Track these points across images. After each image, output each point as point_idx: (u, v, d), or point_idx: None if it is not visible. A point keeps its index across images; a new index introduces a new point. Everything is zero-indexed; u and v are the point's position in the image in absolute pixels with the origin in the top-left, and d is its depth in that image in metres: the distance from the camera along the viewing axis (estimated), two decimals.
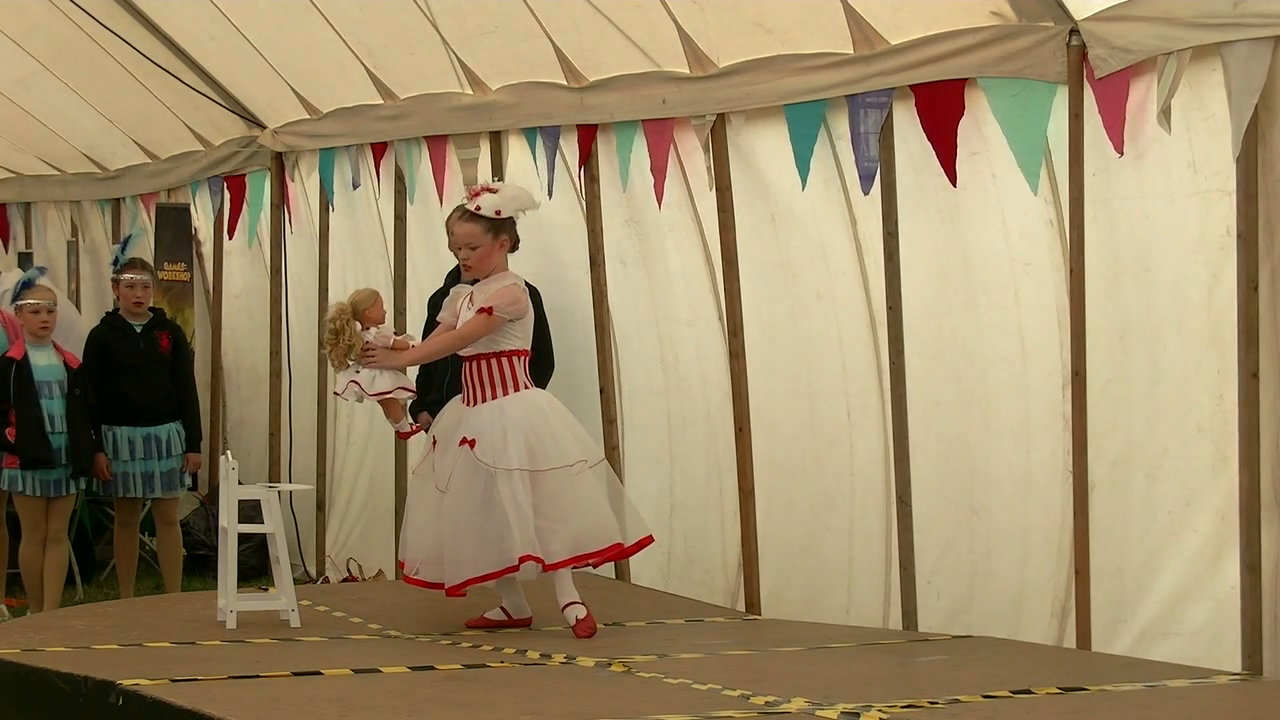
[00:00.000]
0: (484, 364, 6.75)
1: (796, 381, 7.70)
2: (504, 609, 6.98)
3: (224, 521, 6.98)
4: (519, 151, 8.72)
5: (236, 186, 11.03)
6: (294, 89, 9.87)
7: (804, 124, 7.24)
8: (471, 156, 8.97)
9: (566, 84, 8.24)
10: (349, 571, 9.99)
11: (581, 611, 6.73)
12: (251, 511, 7.27)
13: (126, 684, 5.48)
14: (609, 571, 7.95)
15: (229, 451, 7.16)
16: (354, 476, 10.32)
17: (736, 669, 6.02)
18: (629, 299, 8.46)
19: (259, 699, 5.47)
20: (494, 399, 6.74)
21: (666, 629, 7.05)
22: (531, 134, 8.56)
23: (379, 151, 9.66)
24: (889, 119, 6.96)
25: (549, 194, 8.43)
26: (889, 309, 7.08)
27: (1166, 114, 6.00)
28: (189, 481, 9.75)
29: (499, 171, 8.67)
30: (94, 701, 5.57)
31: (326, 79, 9.58)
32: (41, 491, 8.82)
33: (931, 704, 5.30)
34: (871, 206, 7.13)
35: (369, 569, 9.90)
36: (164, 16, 9.89)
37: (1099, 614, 6.41)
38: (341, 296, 7.13)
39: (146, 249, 11.10)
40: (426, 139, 9.24)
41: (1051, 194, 6.58)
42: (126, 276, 9.22)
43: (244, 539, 7.26)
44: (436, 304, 7.68)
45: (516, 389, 6.75)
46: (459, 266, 6.98)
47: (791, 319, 7.69)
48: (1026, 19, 6.37)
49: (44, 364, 8.86)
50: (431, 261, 9.33)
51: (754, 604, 7.73)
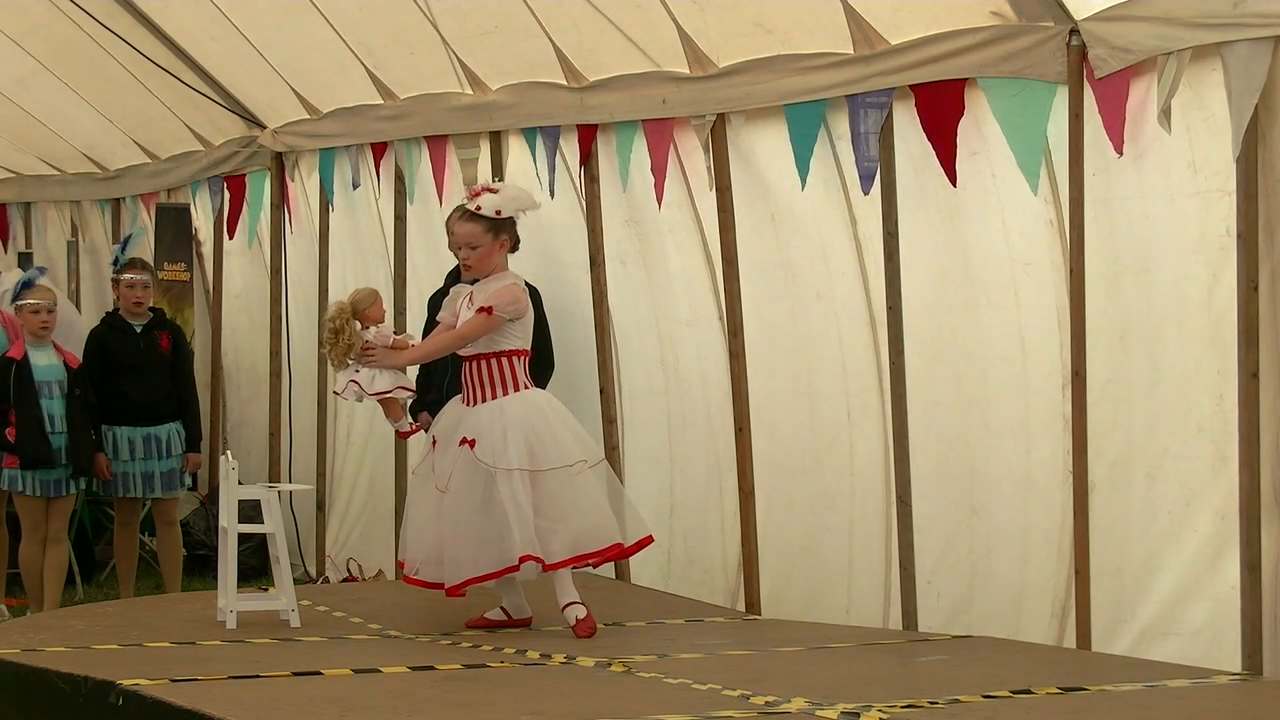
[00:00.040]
0: (484, 364, 6.75)
1: (796, 381, 7.70)
2: (504, 609, 6.98)
3: (224, 521, 6.98)
4: (519, 151, 8.72)
5: (236, 186, 11.03)
6: (294, 89, 9.87)
7: (804, 124, 7.23)
8: (471, 156, 8.97)
9: (566, 84, 8.24)
10: (349, 571, 9.99)
11: (581, 611, 6.73)
12: (251, 511, 7.27)
13: (126, 684, 5.47)
14: (609, 571, 7.95)
15: (229, 451, 7.16)
16: (354, 476, 10.32)
17: (736, 669, 6.02)
18: (629, 299, 8.46)
19: (259, 699, 5.46)
20: (494, 399, 6.73)
21: (666, 629, 7.04)
22: (531, 134, 8.56)
23: (379, 151, 9.66)
24: (889, 119, 6.96)
25: (551, 194, 8.43)
26: (889, 309, 7.08)
27: (1166, 114, 6.00)
28: (189, 481, 9.75)
29: (499, 171, 8.67)
30: (94, 701, 5.56)
31: (326, 79, 9.58)
32: (41, 491, 8.82)
33: (931, 704, 5.30)
34: (871, 206, 7.13)
35: (369, 569, 9.89)
36: (164, 16, 9.89)
37: (1099, 614, 6.40)
38: (341, 296, 7.12)
39: (146, 249, 11.09)
40: (426, 139, 9.23)
41: (1051, 194, 6.58)
42: (126, 276, 9.22)
43: (244, 539, 7.26)
44: (436, 304, 7.68)
45: (516, 389, 6.75)
46: (459, 266, 6.98)
47: (791, 319, 7.69)
48: (1026, 19, 6.37)
49: (44, 364, 8.86)
50: (431, 261, 9.32)
51: (754, 604, 7.73)
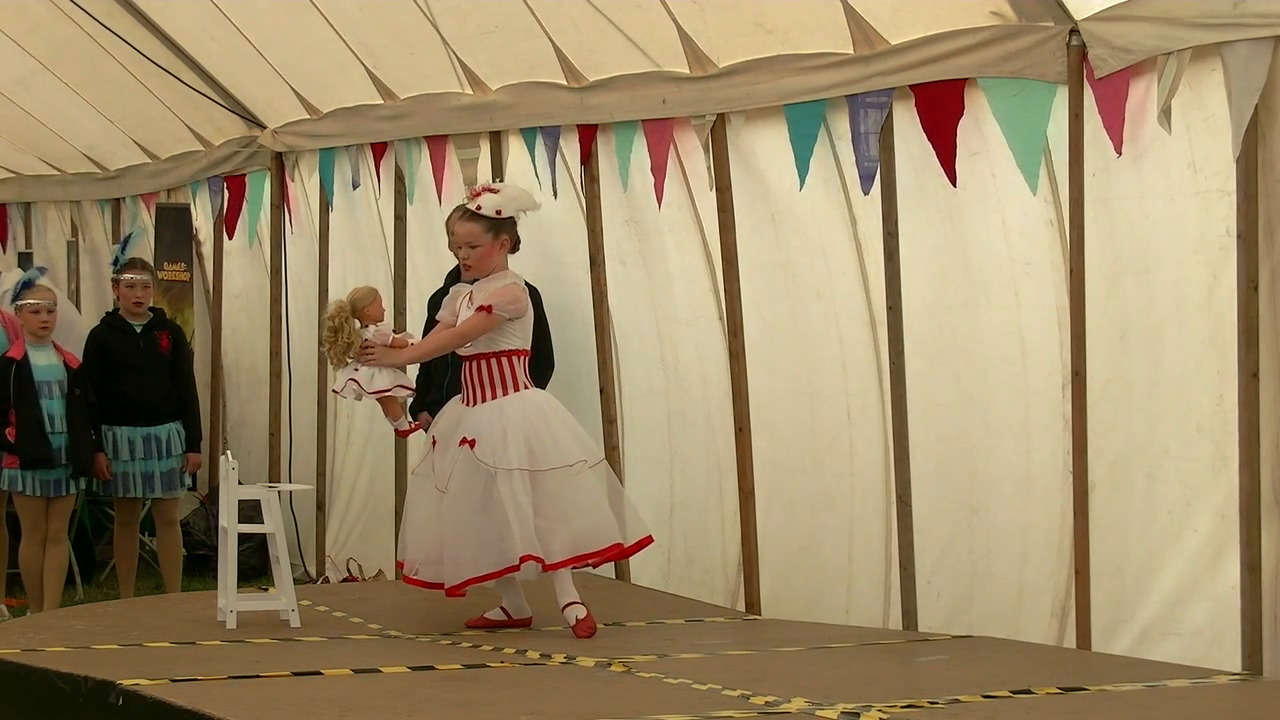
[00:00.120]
0: (484, 364, 6.75)
1: (796, 381, 7.70)
2: (504, 609, 6.98)
3: (224, 521, 6.98)
4: (519, 151, 8.72)
5: (236, 186, 11.03)
6: (294, 89, 9.87)
7: (804, 124, 7.23)
8: (471, 156, 8.97)
9: (566, 84, 8.24)
10: (349, 571, 9.99)
11: (581, 611, 6.73)
12: (251, 511, 7.27)
13: (126, 684, 5.47)
14: (609, 571, 7.94)
15: (229, 451, 7.16)
16: (354, 476, 10.32)
17: (736, 669, 6.02)
18: (629, 299, 8.46)
19: (259, 699, 5.46)
20: (493, 399, 6.73)
21: (666, 629, 7.04)
22: (531, 134, 8.56)
23: (379, 151, 9.66)
24: (889, 119, 6.96)
25: (554, 194, 8.43)
26: (889, 309, 7.08)
27: (1166, 114, 6.00)
28: (189, 481, 9.75)
29: (499, 171, 8.67)
30: (94, 701, 5.56)
31: (326, 79, 9.58)
32: (41, 491, 8.82)
33: (931, 704, 5.30)
34: (871, 206, 7.13)
35: (369, 569, 9.89)
36: (164, 16, 9.89)
37: (1099, 614, 6.40)
38: (341, 296, 7.12)
39: (146, 249, 11.09)
40: (426, 139, 9.23)
41: (1051, 194, 6.57)
42: (126, 276, 9.22)
43: (244, 539, 7.25)
44: (436, 304, 7.68)
45: (516, 389, 6.75)
46: (459, 266, 6.98)
47: (791, 319, 7.69)
48: (1026, 19, 6.37)
49: (44, 364, 8.86)
50: (431, 261, 9.32)
51: (754, 604, 7.73)
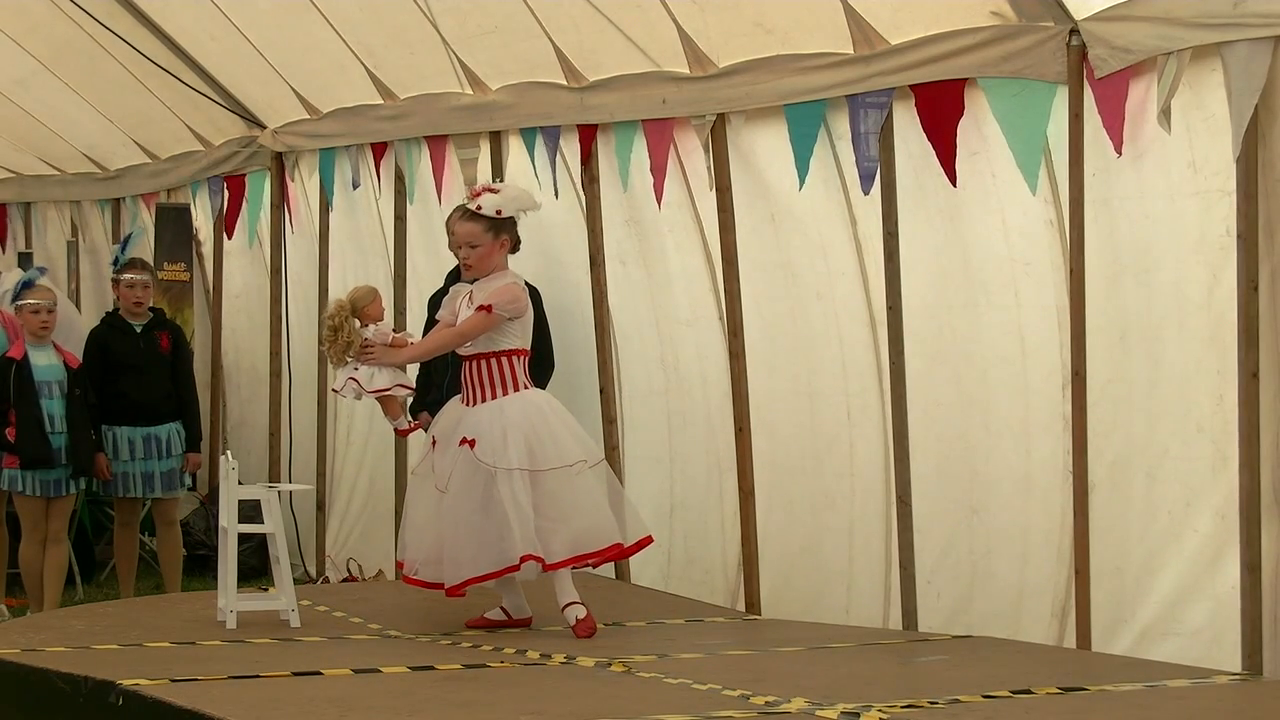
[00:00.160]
0: (483, 364, 6.75)
1: (796, 381, 7.70)
2: (504, 609, 6.98)
3: (224, 521, 6.98)
4: (519, 151, 8.72)
5: (236, 186, 11.03)
6: (294, 89, 9.87)
7: (804, 124, 7.23)
8: (471, 156, 8.97)
9: (566, 84, 8.24)
10: (349, 571, 9.99)
11: (581, 611, 6.72)
12: (251, 511, 7.27)
13: (126, 684, 5.47)
14: (609, 571, 7.94)
15: (229, 451, 7.15)
16: (354, 476, 10.32)
17: (736, 669, 6.02)
18: (629, 299, 8.46)
19: (259, 699, 5.46)
20: (493, 399, 6.73)
21: (666, 629, 7.04)
22: (531, 134, 8.56)
23: (379, 151, 9.66)
24: (889, 119, 6.96)
25: (555, 194, 8.43)
26: (889, 309, 7.08)
27: (1166, 114, 6.00)
28: (189, 481, 9.75)
29: (499, 171, 8.67)
30: (94, 701, 5.56)
31: (326, 79, 9.58)
32: (41, 491, 8.82)
33: (931, 704, 5.30)
34: (871, 206, 7.13)
35: (369, 569, 9.89)
36: (164, 16, 9.89)
37: (1099, 614, 6.40)
38: (341, 295, 7.12)
39: (146, 249, 11.09)
40: (426, 139, 9.23)
41: (1051, 194, 6.57)
42: (126, 276, 9.22)
43: (244, 539, 7.25)
44: (436, 303, 7.67)
45: (516, 389, 6.75)
46: (459, 266, 6.98)
47: (791, 319, 7.69)
48: (1026, 19, 6.37)
49: (44, 364, 8.86)
50: (431, 261, 9.32)
51: (754, 604, 7.73)
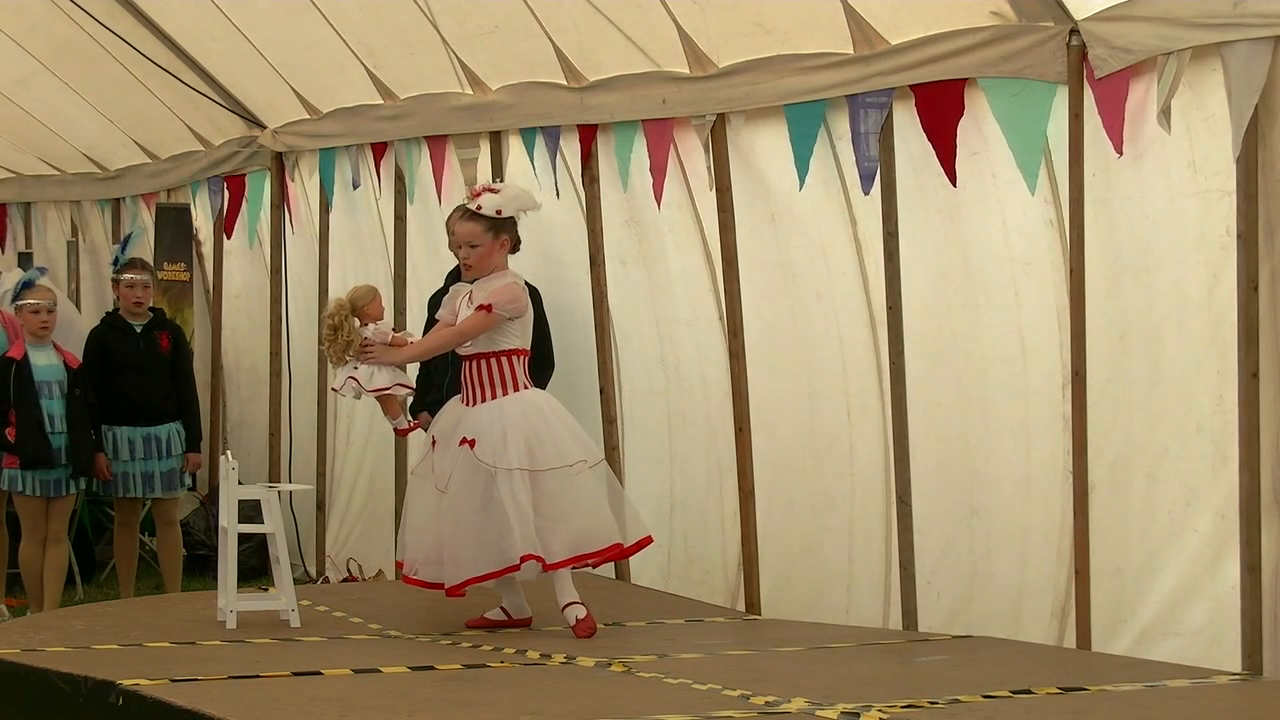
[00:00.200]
0: (483, 364, 6.75)
1: (796, 381, 7.70)
2: (504, 609, 6.98)
3: (224, 521, 6.97)
4: (519, 151, 8.72)
5: (236, 186, 11.03)
6: (294, 89, 9.87)
7: (804, 124, 7.23)
8: (471, 156, 8.97)
9: (566, 84, 8.24)
10: (349, 571, 9.99)
11: (581, 611, 6.72)
12: (251, 511, 7.27)
13: (126, 684, 5.47)
14: (609, 571, 7.94)
15: (229, 451, 7.15)
16: (354, 476, 10.32)
17: (736, 669, 6.01)
18: (629, 299, 8.46)
19: (259, 699, 5.46)
20: (493, 399, 6.73)
21: (666, 629, 7.04)
22: (531, 134, 8.56)
23: (379, 151, 9.66)
24: (889, 119, 6.96)
25: (556, 194, 8.43)
26: (889, 309, 7.08)
27: (1166, 114, 6.00)
28: (189, 481, 9.75)
29: (499, 171, 8.67)
30: (94, 701, 5.56)
31: (326, 79, 9.58)
32: (41, 491, 8.82)
33: (931, 704, 5.30)
34: (871, 206, 7.13)
35: (369, 569, 9.89)
36: (164, 16, 9.89)
37: (1099, 614, 6.40)
38: (341, 295, 7.11)
39: (146, 249, 11.09)
40: (426, 139, 9.24)
41: (1051, 194, 6.57)
42: (126, 276, 9.22)
43: (244, 539, 7.25)
44: (436, 303, 7.67)
45: (516, 389, 6.75)
46: (459, 266, 6.98)
47: (791, 319, 7.69)
48: (1026, 19, 6.37)
49: (44, 364, 8.86)
50: (431, 261, 9.32)
51: (754, 604, 7.73)
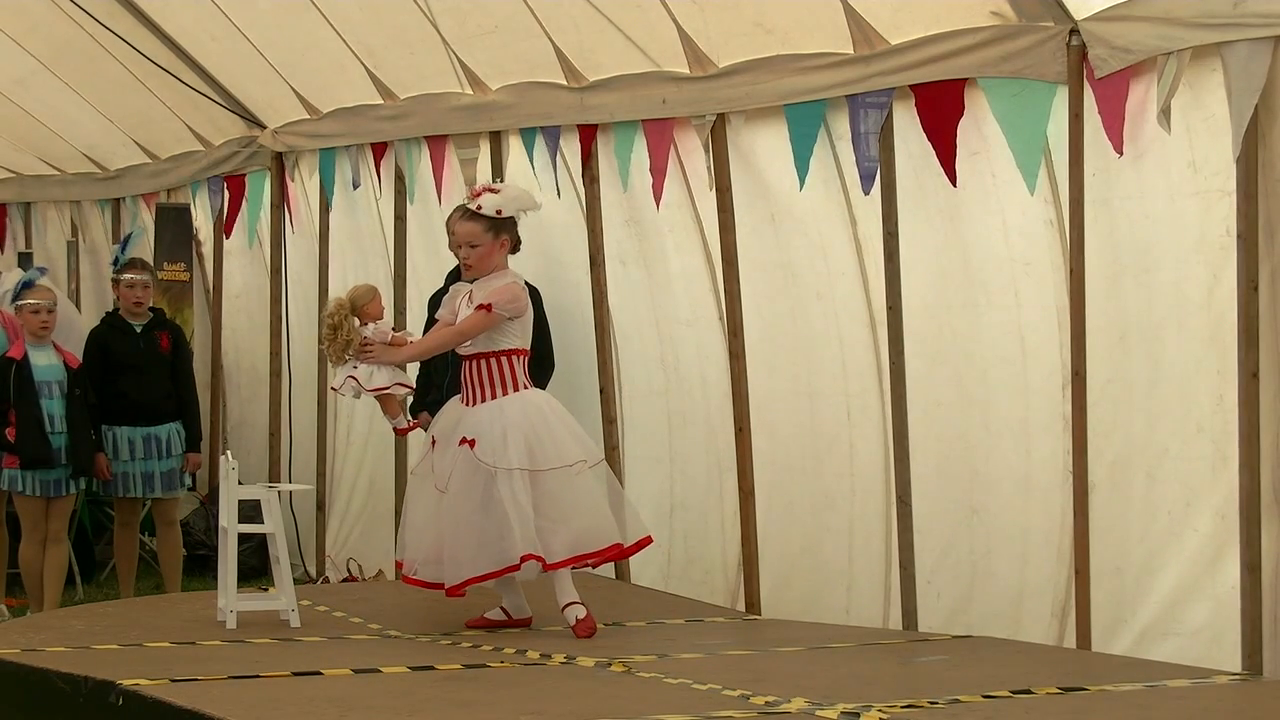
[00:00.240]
0: (483, 364, 6.75)
1: (796, 381, 7.70)
2: (504, 609, 6.98)
3: (224, 521, 6.97)
4: (519, 152, 8.72)
5: (236, 186, 11.03)
6: (294, 89, 9.87)
7: (804, 124, 7.23)
8: (471, 156, 8.97)
9: (566, 84, 8.24)
10: (349, 571, 9.99)
11: (581, 611, 6.72)
12: (251, 511, 7.27)
13: (126, 684, 5.47)
14: (609, 571, 7.94)
15: (229, 451, 7.15)
16: (354, 476, 10.32)
17: (736, 669, 6.02)
18: (629, 299, 8.46)
19: (259, 699, 5.46)
20: (493, 399, 6.73)
21: (666, 629, 7.04)
22: (531, 134, 8.56)
23: (379, 151, 9.66)
24: (889, 119, 6.96)
25: (558, 193, 8.43)
26: (889, 309, 7.08)
27: (1166, 114, 6.00)
28: (189, 481, 9.75)
29: (499, 171, 8.67)
30: (94, 701, 5.56)
31: (326, 79, 9.58)
32: (41, 491, 8.82)
33: (931, 704, 5.30)
34: (871, 206, 7.13)
35: (369, 569, 9.89)
36: (164, 16, 9.89)
37: (1099, 614, 6.40)
38: (341, 294, 7.11)
39: (146, 249, 11.09)
40: (426, 139, 9.24)
41: (1051, 194, 6.57)
42: (126, 276, 9.22)
43: (244, 539, 7.25)
44: (436, 303, 7.67)
45: (516, 389, 6.75)
46: (459, 266, 6.98)
47: (791, 319, 7.69)
48: (1026, 19, 6.37)
49: (44, 364, 8.86)
50: (431, 261, 9.32)
51: (754, 604, 7.73)
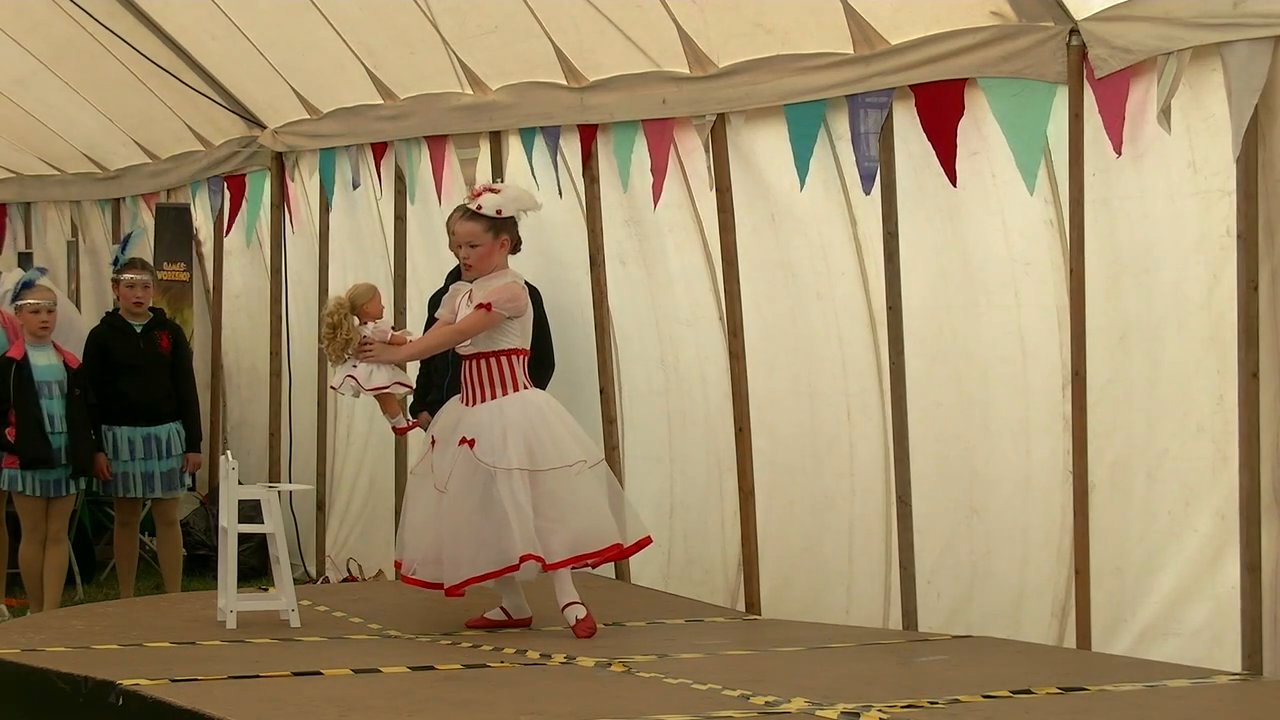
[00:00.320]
0: (483, 363, 6.75)
1: (796, 381, 7.70)
2: (504, 609, 6.98)
3: (224, 521, 6.98)
4: (519, 152, 8.72)
5: (236, 186, 11.03)
6: (294, 89, 9.87)
7: (804, 124, 7.23)
8: (471, 156, 8.97)
9: (566, 84, 8.24)
10: (349, 571, 9.99)
11: (581, 611, 6.72)
12: (251, 511, 7.27)
13: (126, 684, 5.47)
14: (609, 571, 7.94)
15: (229, 451, 7.15)
16: (354, 476, 10.32)
17: (736, 669, 6.02)
18: (629, 299, 8.46)
19: (259, 699, 5.46)
20: (493, 399, 6.73)
21: (666, 629, 7.04)
22: (531, 134, 8.56)
23: (379, 151, 9.66)
24: (889, 119, 6.96)
25: (559, 193, 8.43)
26: (889, 309, 7.08)
27: (1166, 114, 6.00)
28: (189, 481, 9.75)
29: (499, 171, 8.67)
30: (94, 701, 5.56)
31: (326, 79, 9.58)
32: (41, 491, 8.82)
33: (931, 704, 5.30)
34: (871, 206, 7.13)
35: (369, 569, 9.90)
36: (165, 16, 9.89)
37: (1099, 614, 6.40)
38: (340, 294, 7.11)
39: (146, 249, 11.09)
40: (426, 139, 9.24)
41: (1051, 194, 6.57)
42: (126, 276, 9.22)
43: (244, 539, 7.25)
44: (436, 303, 7.67)
45: (515, 389, 6.75)
46: (459, 266, 6.98)
47: (791, 319, 7.69)
48: (1026, 19, 6.37)
49: (44, 364, 8.86)
50: (431, 261, 9.32)
51: (754, 604, 7.73)
